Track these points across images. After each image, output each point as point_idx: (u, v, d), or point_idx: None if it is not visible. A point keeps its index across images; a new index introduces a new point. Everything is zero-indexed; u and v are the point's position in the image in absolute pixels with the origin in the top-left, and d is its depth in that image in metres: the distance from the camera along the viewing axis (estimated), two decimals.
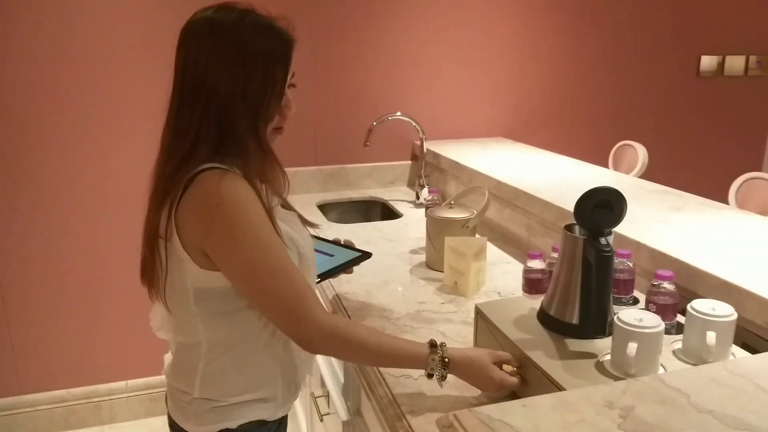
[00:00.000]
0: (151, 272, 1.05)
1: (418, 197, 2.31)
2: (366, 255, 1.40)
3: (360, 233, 1.99)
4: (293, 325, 0.99)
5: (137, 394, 2.49)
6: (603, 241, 0.99)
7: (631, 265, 1.17)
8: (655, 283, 1.12)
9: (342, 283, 1.58)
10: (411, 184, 2.60)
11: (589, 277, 1.01)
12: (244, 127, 1.01)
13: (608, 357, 0.98)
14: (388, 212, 2.35)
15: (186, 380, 1.09)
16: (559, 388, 0.91)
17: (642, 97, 2.87)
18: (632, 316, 0.93)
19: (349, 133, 2.50)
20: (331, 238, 1.48)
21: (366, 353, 1.03)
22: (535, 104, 2.72)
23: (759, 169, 3.04)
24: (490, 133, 2.67)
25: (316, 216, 2.20)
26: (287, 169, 2.55)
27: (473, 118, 2.65)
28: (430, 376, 1.02)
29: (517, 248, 1.82)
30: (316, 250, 1.19)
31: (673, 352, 0.99)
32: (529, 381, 1.00)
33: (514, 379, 1.02)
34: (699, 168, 2.98)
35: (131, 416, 2.50)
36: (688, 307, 0.99)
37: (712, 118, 3.01)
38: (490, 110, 2.66)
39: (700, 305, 0.97)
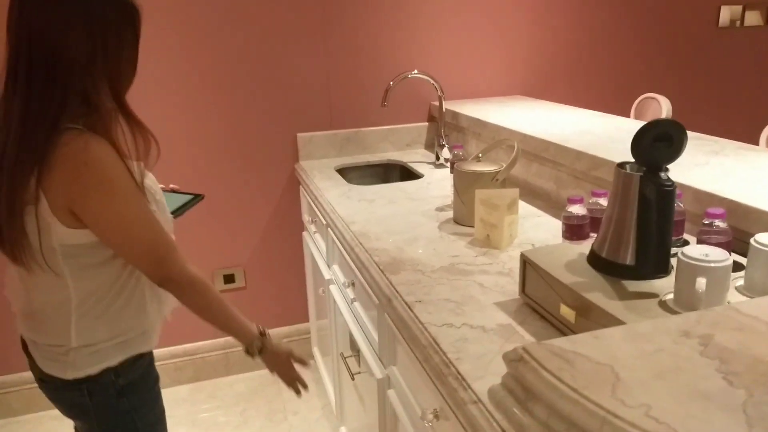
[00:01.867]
0: (13, 239, 1.06)
1: (437, 158, 2.26)
2: (197, 197, 1.41)
3: (383, 193, 1.94)
4: (158, 268, 1.12)
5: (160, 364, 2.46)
6: (663, 176, 0.94)
7: (682, 206, 1.12)
8: (707, 222, 1.07)
9: (371, 241, 1.53)
10: (429, 146, 2.54)
11: (647, 215, 0.96)
12: (104, 92, 1.05)
13: (670, 296, 0.94)
14: (407, 174, 2.30)
15: (59, 335, 1.14)
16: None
17: (661, 50, 2.79)
18: (697, 251, 0.88)
19: (364, 96, 2.44)
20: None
21: (210, 309, 1.20)
22: (553, 60, 2.64)
23: None
24: (507, 92, 2.60)
25: (335, 180, 2.15)
26: (303, 134, 2.53)
27: (490, 77, 2.58)
28: (246, 351, 1.27)
29: (546, 202, 1.77)
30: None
31: (736, 288, 0.95)
32: (589, 324, 0.96)
33: (299, 383, 1.37)
34: (722, 119, 2.92)
35: None
36: (752, 241, 0.94)
37: (732, 70, 2.94)
38: (508, 68, 2.59)
39: (765, 238, 0.93)
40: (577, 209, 1.23)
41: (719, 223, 1.02)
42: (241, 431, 2.26)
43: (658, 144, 0.95)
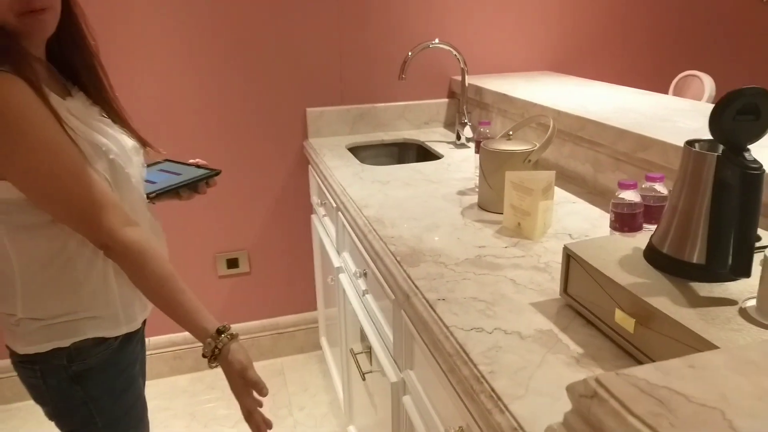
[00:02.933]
0: None
1: (459, 137, 2.08)
2: (214, 172, 1.26)
3: (398, 175, 1.78)
4: (88, 231, 0.97)
5: (158, 352, 2.34)
6: (748, 156, 0.77)
7: None
8: None
9: (386, 227, 1.37)
10: (448, 125, 2.36)
11: (725, 203, 0.79)
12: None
13: (752, 302, 0.77)
14: (424, 154, 2.13)
15: (7, 302, 1.04)
16: (702, 343, 0.71)
17: (702, 24, 2.58)
18: None
19: (378, 68, 2.25)
20: (209, 168, 1.30)
21: (149, 287, 1.01)
22: (585, 34, 2.44)
23: None
24: (534, 67, 2.41)
25: (347, 159, 1.98)
26: (313, 110, 2.34)
27: (516, 50, 2.38)
28: (204, 356, 1.03)
29: (581, 187, 1.59)
30: (163, 170, 1.11)
31: (740, 311, 0.77)
32: (652, 335, 0.79)
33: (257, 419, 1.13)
34: None
35: (154, 375, 2.36)
36: (766, 252, 0.76)
37: None
38: (535, 41, 2.39)
39: None
40: (630, 195, 1.06)
41: None
42: (242, 427, 2.12)
43: (741, 118, 0.77)
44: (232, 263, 2.35)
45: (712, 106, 1.63)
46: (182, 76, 2.09)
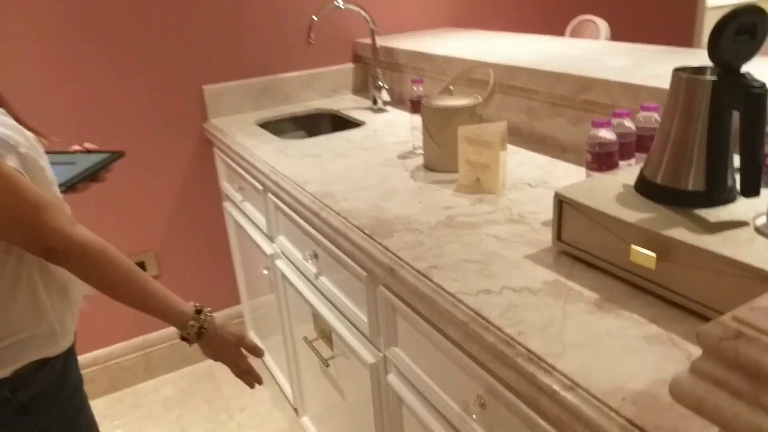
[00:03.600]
0: None
1: (375, 102, 2.00)
2: (117, 154, 1.16)
3: (327, 146, 1.66)
4: (28, 237, 0.85)
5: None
6: (749, 76, 0.77)
7: None
8: None
9: (339, 202, 1.27)
10: (357, 91, 2.26)
11: (725, 127, 0.79)
12: None
13: (762, 219, 0.78)
14: (340, 124, 2.02)
15: None
16: (736, 266, 0.70)
17: None
18: None
19: (277, 36, 2.09)
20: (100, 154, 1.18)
21: (119, 284, 0.94)
22: None
23: None
24: (436, 24, 2.37)
25: (262, 136, 1.82)
26: (210, 87, 2.15)
27: (415, 9, 2.32)
28: (182, 338, 1.02)
29: (518, 137, 1.58)
30: (52, 163, 1.00)
31: (756, 228, 0.80)
32: (675, 268, 0.78)
33: (252, 377, 1.11)
34: (665, 41, 2.88)
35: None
36: None
37: None
38: None
39: None
40: (605, 134, 1.04)
41: None
42: None
43: (738, 38, 0.77)
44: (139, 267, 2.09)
45: (630, 45, 1.68)
46: (59, 56, 1.79)
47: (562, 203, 0.93)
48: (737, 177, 0.81)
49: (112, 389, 2.16)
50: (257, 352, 1.13)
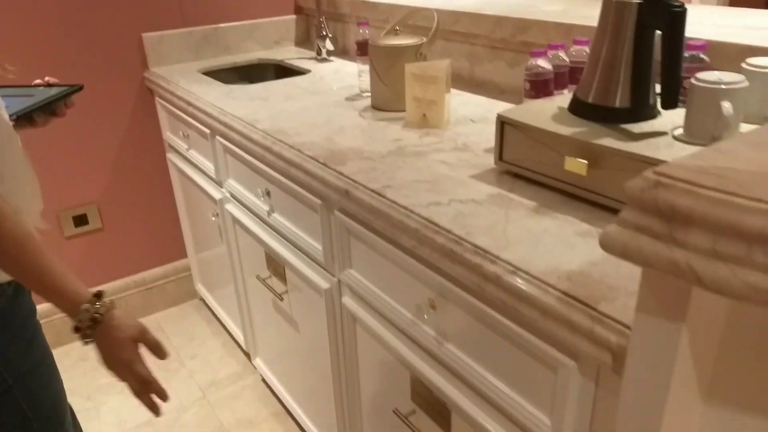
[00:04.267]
0: None
1: (319, 52, 2.02)
2: (76, 87, 1.13)
3: (274, 90, 1.68)
4: None
5: None
6: None
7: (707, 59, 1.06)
8: (686, 55, 1.03)
9: (292, 137, 1.30)
10: (300, 43, 2.27)
11: (648, 46, 0.88)
12: None
13: (679, 131, 0.89)
14: (285, 74, 2.03)
15: None
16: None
17: None
18: (709, 77, 0.83)
19: None
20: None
21: (14, 250, 0.83)
22: None
23: None
24: None
25: (208, 83, 1.82)
26: (150, 35, 2.12)
27: None
28: (76, 329, 0.86)
29: (459, 82, 1.66)
30: (8, 96, 1.00)
31: (674, 137, 0.91)
32: (604, 173, 0.87)
33: (156, 390, 0.95)
34: None
35: None
36: (693, 80, 0.85)
37: None
38: None
39: (707, 76, 0.87)
40: (542, 63, 1.13)
41: (703, 56, 0.99)
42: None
43: None
44: (80, 220, 2.06)
45: None
46: None
47: (503, 124, 1.01)
48: (659, 99, 0.91)
49: (57, 344, 2.13)
50: (160, 352, 0.96)
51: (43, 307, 2.07)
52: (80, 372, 2.04)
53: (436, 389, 1.01)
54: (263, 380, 1.95)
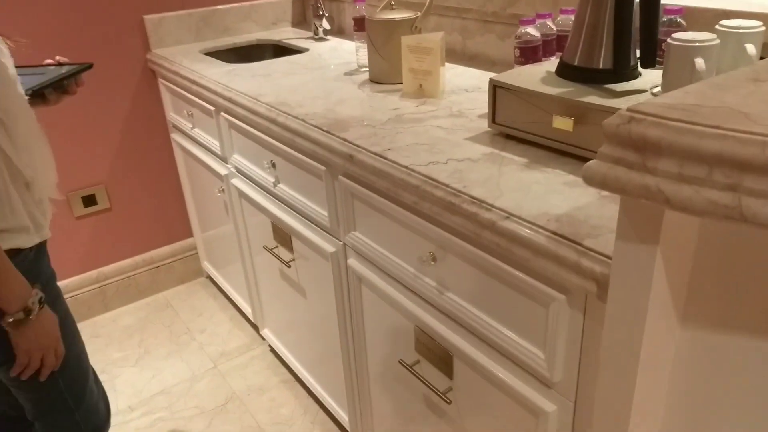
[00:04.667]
0: None
1: (316, 31, 2.07)
2: (86, 66, 1.19)
3: (275, 68, 1.74)
4: None
5: None
6: None
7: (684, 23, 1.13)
8: (664, 19, 1.09)
9: (295, 108, 1.37)
10: (297, 24, 2.33)
11: (628, 9, 0.95)
12: None
13: (658, 89, 0.96)
14: (282, 53, 2.08)
15: None
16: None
17: None
18: (684, 36, 0.90)
19: None
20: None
21: None
22: None
23: None
24: None
25: (210, 62, 1.87)
26: (151, 17, 2.16)
27: None
28: (2, 317, 0.95)
29: (452, 56, 1.72)
30: (21, 74, 1.06)
31: (653, 94, 0.98)
32: (590, 129, 0.94)
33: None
34: None
35: None
36: (669, 39, 0.91)
37: None
38: None
39: (682, 36, 0.94)
40: (531, 31, 1.19)
41: (680, 20, 1.05)
42: (145, 362, 2.02)
43: None
44: (89, 200, 2.12)
45: None
46: None
47: (496, 88, 1.08)
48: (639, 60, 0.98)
49: None
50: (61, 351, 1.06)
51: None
52: (93, 348, 2.11)
53: (438, 337, 1.09)
54: (271, 350, 2.03)
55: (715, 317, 0.70)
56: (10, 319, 0.96)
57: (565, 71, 1.05)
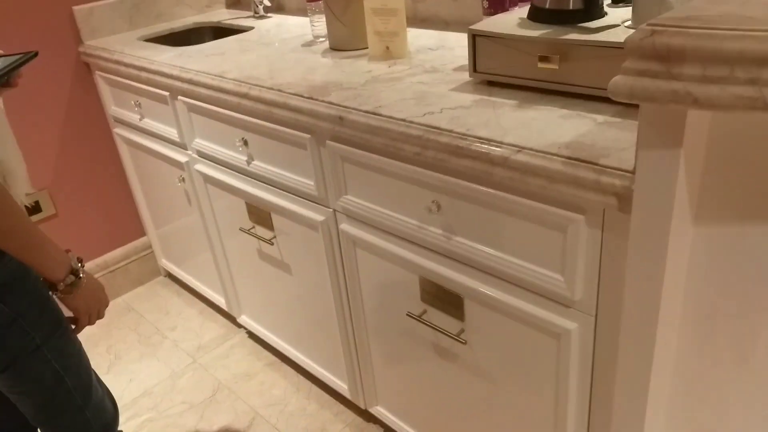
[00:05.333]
0: None
1: (257, 10, 2.04)
2: (30, 54, 1.10)
3: (227, 47, 1.70)
4: None
5: None
6: None
7: None
8: None
9: (266, 81, 1.35)
10: (231, 4, 2.27)
11: None
12: None
13: (629, 22, 1.03)
14: (223, 36, 2.03)
15: None
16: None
17: None
18: None
19: None
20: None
21: (11, 214, 0.90)
22: None
23: None
24: None
25: (154, 48, 1.80)
26: (80, 7, 2.06)
27: None
28: (55, 286, 0.98)
29: None
30: None
31: (625, 27, 1.06)
32: (575, 65, 1.00)
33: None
34: None
35: None
36: None
37: None
38: None
39: None
40: None
41: None
42: (118, 368, 1.94)
43: None
44: (33, 208, 1.99)
45: None
46: None
47: (475, 37, 1.12)
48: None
49: None
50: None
51: None
52: None
53: (447, 282, 1.12)
54: (249, 336, 2.01)
55: (726, 211, 0.77)
56: (63, 286, 0.98)
57: (538, 15, 1.11)
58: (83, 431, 1.11)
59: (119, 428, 1.20)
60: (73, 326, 1.07)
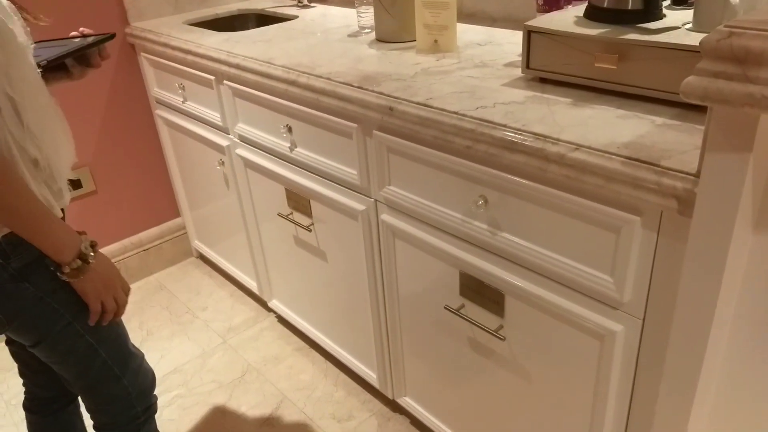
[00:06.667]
0: None
1: (300, 0, 2.05)
2: (107, 36, 1.16)
3: (273, 34, 1.71)
4: None
5: None
6: None
7: None
8: None
9: (314, 69, 1.36)
10: None
11: None
12: None
13: (689, 25, 1.01)
14: (267, 23, 2.05)
15: None
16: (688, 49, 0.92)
17: None
18: None
19: None
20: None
21: (18, 193, 0.89)
22: None
23: None
24: None
25: (200, 32, 1.82)
26: None
27: None
28: (60, 268, 0.95)
29: None
30: (43, 47, 1.05)
31: (686, 29, 1.05)
32: (634, 65, 0.99)
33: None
34: None
35: None
36: None
37: None
38: None
39: None
40: None
41: None
42: (150, 344, 1.97)
43: None
44: (75, 184, 2.03)
45: None
46: None
47: (530, 33, 1.12)
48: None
49: None
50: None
51: None
52: None
53: (488, 277, 1.13)
54: (279, 321, 2.03)
55: None
56: (68, 270, 0.95)
57: (595, 14, 1.10)
58: (121, 397, 1.14)
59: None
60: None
